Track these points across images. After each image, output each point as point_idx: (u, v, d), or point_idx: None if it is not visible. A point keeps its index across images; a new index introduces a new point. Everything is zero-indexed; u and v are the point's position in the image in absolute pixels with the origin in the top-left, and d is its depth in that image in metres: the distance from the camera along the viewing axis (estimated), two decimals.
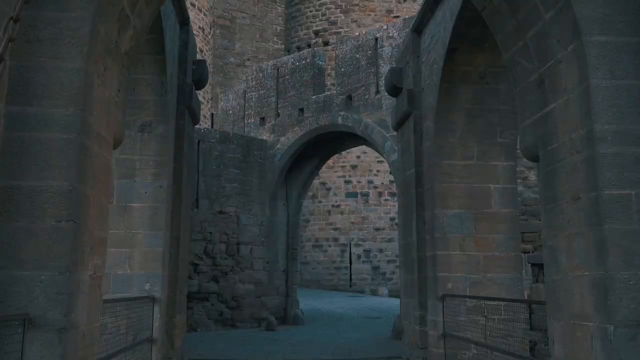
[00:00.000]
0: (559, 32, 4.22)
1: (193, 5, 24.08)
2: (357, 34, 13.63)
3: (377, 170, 25.83)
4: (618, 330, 3.64)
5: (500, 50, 7.58)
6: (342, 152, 25.17)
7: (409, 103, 8.59)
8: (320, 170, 25.14)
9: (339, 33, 27.19)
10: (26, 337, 3.30)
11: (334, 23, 28.42)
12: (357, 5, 28.47)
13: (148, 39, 7.21)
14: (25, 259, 3.42)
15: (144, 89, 7.55)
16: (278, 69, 14.51)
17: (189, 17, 8.49)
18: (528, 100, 4.80)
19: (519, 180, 9.55)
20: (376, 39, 12.46)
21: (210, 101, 25.95)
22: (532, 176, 10.91)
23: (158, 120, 7.70)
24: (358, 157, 25.71)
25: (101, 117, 4.02)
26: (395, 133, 11.65)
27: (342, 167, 26.01)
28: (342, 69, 13.00)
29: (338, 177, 25.87)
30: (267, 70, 14.77)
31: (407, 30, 10.80)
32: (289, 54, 25.28)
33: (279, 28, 30.19)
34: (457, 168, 8.02)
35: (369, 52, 12.54)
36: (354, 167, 25.87)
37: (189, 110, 8.63)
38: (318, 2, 29.27)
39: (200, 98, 25.03)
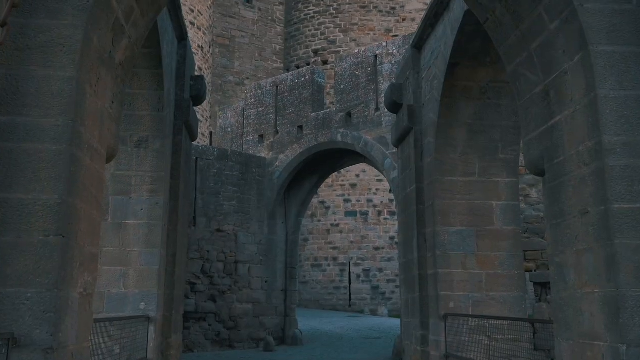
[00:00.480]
0: (564, 43, 4.12)
1: (192, 24, 24.15)
2: (356, 51, 13.59)
3: (377, 189, 25.70)
4: (631, 350, 3.48)
5: (502, 64, 7.54)
6: (341, 171, 25.09)
7: (409, 119, 8.49)
8: (320, 189, 25.03)
9: (338, 52, 27.24)
10: (10, 358, 3.13)
11: (333, 42, 28.51)
12: (356, 24, 28.59)
13: (145, 54, 7.13)
14: (11, 275, 3.27)
15: (140, 104, 7.45)
16: (277, 86, 14.45)
17: (186, 33, 8.42)
18: (533, 113, 4.68)
19: (520, 198, 9.42)
20: (376, 56, 12.41)
21: (209, 119, 25.90)
22: (534, 193, 10.78)
23: (155, 135, 7.59)
24: (357, 175, 25.60)
25: (93, 129, 3.90)
26: (395, 150, 11.54)
27: (341, 185, 25.88)
28: (342, 86, 12.93)
29: (337, 195, 25.72)
30: (266, 87, 14.71)
31: (407, 47, 10.76)
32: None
33: (278, 47, 30.28)
34: (459, 184, 7.89)
35: (369, 69, 12.49)
36: (353, 185, 25.74)
37: (186, 126, 8.52)
38: (317, 22, 29.39)
39: (198, 116, 25.02)
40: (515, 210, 7.96)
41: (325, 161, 14.23)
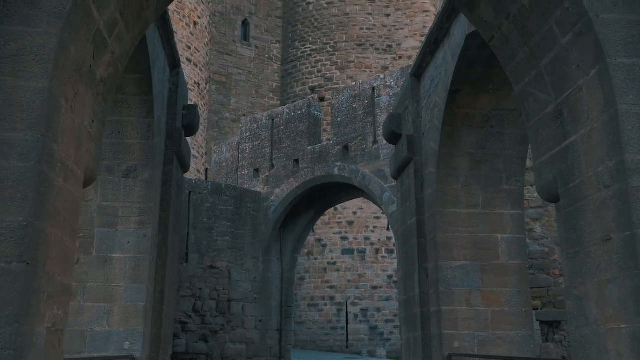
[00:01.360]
0: (578, 57, 3.84)
1: (189, 60, 24.15)
2: (353, 83, 13.42)
3: (374, 227, 25.34)
4: None
5: (505, 91, 7.30)
6: (338, 208, 24.74)
7: (409, 149, 8.20)
8: (316, 226, 24.64)
9: (335, 89, 27.24)
10: None
11: (329, 79, 28.55)
12: (352, 62, 28.70)
13: (134, 79, 6.87)
14: None
15: (129, 131, 7.14)
16: (273, 120, 14.23)
17: (179, 60, 8.18)
18: (544, 135, 4.38)
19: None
20: (373, 89, 12.23)
21: (204, 156, 25.66)
22: (538, 228, 10.43)
23: (144, 165, 7.26)
24: (354, 213, 25.27)
25: (69, 147, 3.57)
26: (393, 183, 11.23)
27: (338, 223, 25.51)
28: (339, 119, 12.71)
29: (334, 233, 25.33)
30: (261, 121, 14.49)
31: (404, 79, 10.57)
32: None
33: (274, 84, 30.30)
34: (461, 216, 7.55)
35: (366, 101, 12.29)
36: (350, 223, 25.38)
37: (177, 156, 8.20)
38: (314, 59, 29.50)
39: (194, 152, 24.80)
40: (521, 244, 7.60)
41: (322, 196, 13.91)
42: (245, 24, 30.39)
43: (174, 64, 8.12)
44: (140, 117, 7.10)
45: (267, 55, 30.55)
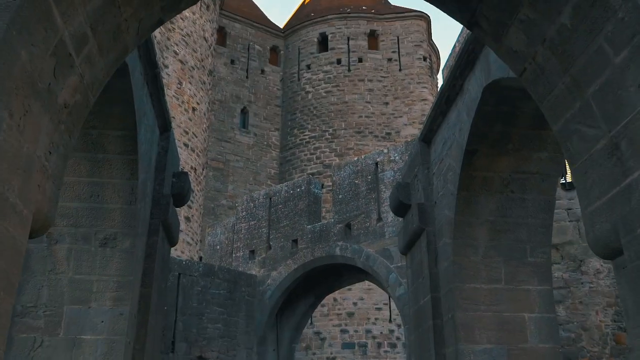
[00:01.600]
0: (638, 76, 3.19)
1: (186, 145, 23.85)
2: (355, 158, 12.87)
3: (376, 319, 24.09)
4: None
5: (526, 152, 6.65)
6: (338, 299, 23.56)
7: (420, 219, 7.44)
8: (314, 318, 23.33)
9: (331, 178, 26.87)
10: None
11: (328, 166, 28.19)
12: (351, 149, 28.51)
13: (118, 137, 6.21)
14: None
15: (109, 195, 6.40)
16: (270, 198, 13.54)
17: (170, 123, 7.59)
18: (595, 177, 3.64)
19: None
20: (376, 164, 11.64)
21: (198, 243, 24.74)
22: (562, 311, 9.46)
23: (124, 233, 6.45)
24: (355, 304, 24.11)
25: (10, 175, 2.81)
26: (400, 264, 10.37)
27: (337, 314, 24.28)
28: (340, 196, 12.02)
29: (333, 325, 24.02)
30: (258, 199, 13.80)
31: (409, 152, 9.99)
32: None
33: (272, 171, 29.93)
34: (483, 293, 6.66)
35: (369, 177, 11.66)
36: (350, 314, 24.14)
37: (164, 227, 7.41)
38: (313, 146, 29.35)
39: (188, 239, 23.93)
40: (551, 325, 6.66)
41: (323, 279, 12.95)
42: (244, 111, 30.48)
43: (165, 126, 7.52)
44: (123, 178, 6.38)
45: (265, 143, 30.40)
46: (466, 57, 6.21)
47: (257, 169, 29.40)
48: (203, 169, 26.09)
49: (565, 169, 10.12)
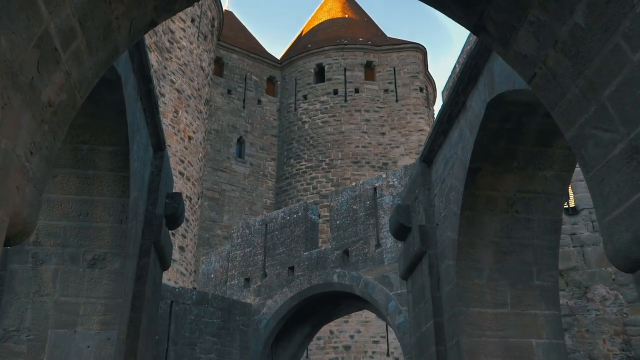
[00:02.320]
0: None
1: (182, 174, 23.63)
2: (353, 184, 12.65)
3: (373, 352, 23.58)
4: None
5: (531, 170, 6.45)
6: (334, 331, 23.07)
7: (421, 241, 7.19)
8: (310, 351, 22.80)
9: (328, 207, 26.62)
10: None
11: (325, 196, 27.97)
12: (348, 179, 28.33)
13: (109, 152, 5.98)
14: None
15: (99, 213, 6.14)
16: (267, 225, 13.26)
17: (164, 142, 7.38)
18: (613, 184, 3.43)
19: None
20: (375, 189, 11.42)
21: (192, 274, 24.32)
22: (568, 339, 9.12)
23: (114, 253, 6.17)
24: (351, 336, 23.63)
25: None
26: (399, 291, 10.08)
27: (334, 347, 23.76)
28: (338, 222, 11.76)
29: (330, 359, 23.50)
30: (254, 226, 13.51)
31: (407, 177, 9.79)
32: None
33: (268, 201, 29.67)
34: (488, 317, 6.38)
35: (368, 202, 11.42)
36: (347, 347, 23.63)
37: (156, 248, 7.13)
38: (309, 176, 29.18)
39: (182, 269, 23.51)
40: (560, 352, 6.36)
41: (320, 307, 12.57)
42: (240, 141, 30.38)
43: (159, 145, 7.31)
44: (114, 196, 6.13)
45: (261, 172, 30.22)
46: (469, 72, 6.06)
47: (252, 199, 29.14)
48: (198, 199, 25.83)
49: (568, 193, 9.90)
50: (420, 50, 32.01)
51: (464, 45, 9.49)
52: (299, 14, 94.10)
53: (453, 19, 4.31)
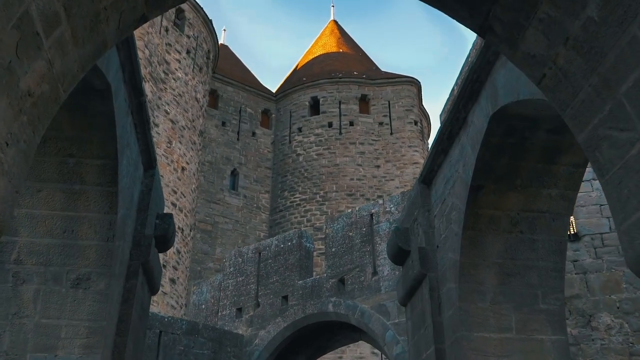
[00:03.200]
0: None
1: (174, 204, 23.32)
2: (349, 210, 12.40)
3: None
4: None
5: (535, 189, 6.23)
6: None
7: (421, 264, 6.92)
8: None
9: (324, 238, 26.26)
10: None
11: (319, 229, 27.64)
12: (342, 211, 28.03)
13: (97, 166, 5.74)
14: None
15: (84, 230, 5.85)
16: (260, 253, 12.93)
17: (155, 160, 7.15)
18: (631, 186, 3.21)
19: None
20: (371, 215, 11.17)
21: (183, 307, 23.75)
22: None
23: (100, 273, 5.87)
24: None
25: None
26: (397, 320, 9.75)
27: None
28: (333, 249, 11.46)
29: None
30: (247, 254, 13.17)
31: (404, 204, 9.56)
32: None
33: (262, 234, 29.28)
34: (492, 343, 6.07)
35: (364, 229, 11.16)
36: None
37: (144, 270, 6.82)
38: (303, 209, 28.90)
39: (172, 302, 22.97)
40: None
41: (314, 338, 12.15)
42: (234, 173, 30.17)
43: (150, 163, 7.07)
44: (101, 212, 5.86)
45: (255, 205, 29.93)
46: (470, 86, 5.90)
47: (246, 231, 28.77)
48: (191, 230, 25.46)
49: (573, 213, 9.68)
50: (415, 84, 32.19)
51: (460, 73, 9.39)
52: (295, 50, 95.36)
53: (458, 20, 4.14)
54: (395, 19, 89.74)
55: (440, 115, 9.33)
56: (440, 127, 6.90)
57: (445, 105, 9.38)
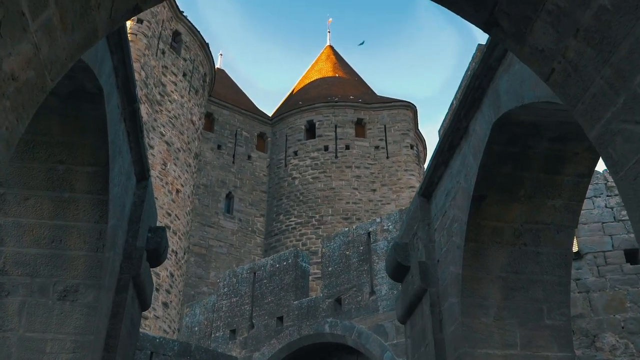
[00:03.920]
0: None
1: (168, 227, 23.03)
2: (346, 229, 12.18)
3: None
4: None
5: (539, 200, 6.06)
6: None
7: (422, 279, 6.71)
8: None
9: (319, 263, 25.94)
10: None
11: (315, 253, 27.34)
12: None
13: (87, 173, 5.55)
14: None
15: (73, 240, 5.64)
16: (255, 273, 12.66)
17: (149, 171, 6.97)
18: None
19: None
20: (369, 234, 10.97)
21: (176, 332, 23.29)
22: None
23: (88, 284, 5.64)
24: None
25: None
26: (396, 341, 9.48)
27: None
28: (330, 269, 11.22)
29: None
30: (242, 274, 12.90)
31: (401, 222, 9.38)
32: None
33: (257, 258, 28.90)
34: None
35: (361, 248, 10.94)
36: None
37: (135, 284, 6.58)
38: (299, 233, 28.65)
39: (165, 326, 22.52)
40: None
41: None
42: (229, 196, 29.95)
43: (142, 173, 6.89)
44: (90, 221, 5.65)
45: (250, 229, 29.64)
46: (472, 94, 5.77)
47: (240, 255, 28.43)
48: (184, 254, 25.13)
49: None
50: (411, 108, 32.25)
51: (455, 95, 9.30)
52: (291, 76, 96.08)
53: (462, 16, 4.01)
54: (393, 46, 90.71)
55: (439, 131, 9.19)
56: (440, 138, 6.76)
57: (443, 121, 9.25)
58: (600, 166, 12.52)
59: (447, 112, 9.11)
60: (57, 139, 5.36)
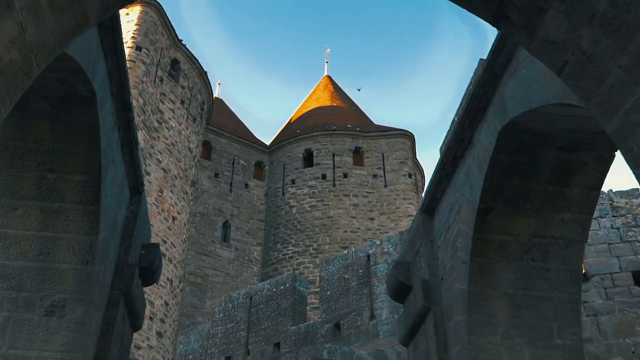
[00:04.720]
0: None
1: (163, 255, 22.67)
2: (345, 252, 11.91)
3: None
4: None
5: (547, 213, 5.85)
6: None
7: (425, 297, 6.45)
8: None
9: (317, 292, 25.50)
10: None
11: (312, 282, 26.91)
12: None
13: (78, 182, 5.34)
14: None
15: (62, 252, 5.39)
16: (251, 298, 12.33)
17: (143, 185, 6.76)
18: None
19: None
20: (368, 256, 10.71)
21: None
22: None
23: (77, 299, 5.38)
24: None
25: None
26: None
27: None
28: (328, 293, 10.92)
29: None
30: (238, 299, 12.56)
31: (402, 245, 9.14)
32: None
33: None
34: None
35: (361, 271, 10.66)
36: None
37: (126, 301, 6.30)
38: (296, 262, 28.28)
39: (159, 357, 21.96)
40: None
41: None
42: (226, 225, 29.64)
43: (136, 187, 6.68)
44: (80, 233, 5.42)
45: (246, 257, 29.26)
46: (476, 103, 5.61)
47: (236, 284, 27.95)
48: (180, 282, 24.70)
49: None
50: (409, 137, 32.22)
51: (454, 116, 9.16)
52: (289, 105, 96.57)
53: (469, 10, 3.86)
54: (390, 75, 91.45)
55: (440, 149, 9.02)
56: (442, 152, 6.58)
57: (445, 138, 9.09)
58: (605, 186, 12.33)
59: (449, 130, 8.95)
60: (48, 146, 5.16)
